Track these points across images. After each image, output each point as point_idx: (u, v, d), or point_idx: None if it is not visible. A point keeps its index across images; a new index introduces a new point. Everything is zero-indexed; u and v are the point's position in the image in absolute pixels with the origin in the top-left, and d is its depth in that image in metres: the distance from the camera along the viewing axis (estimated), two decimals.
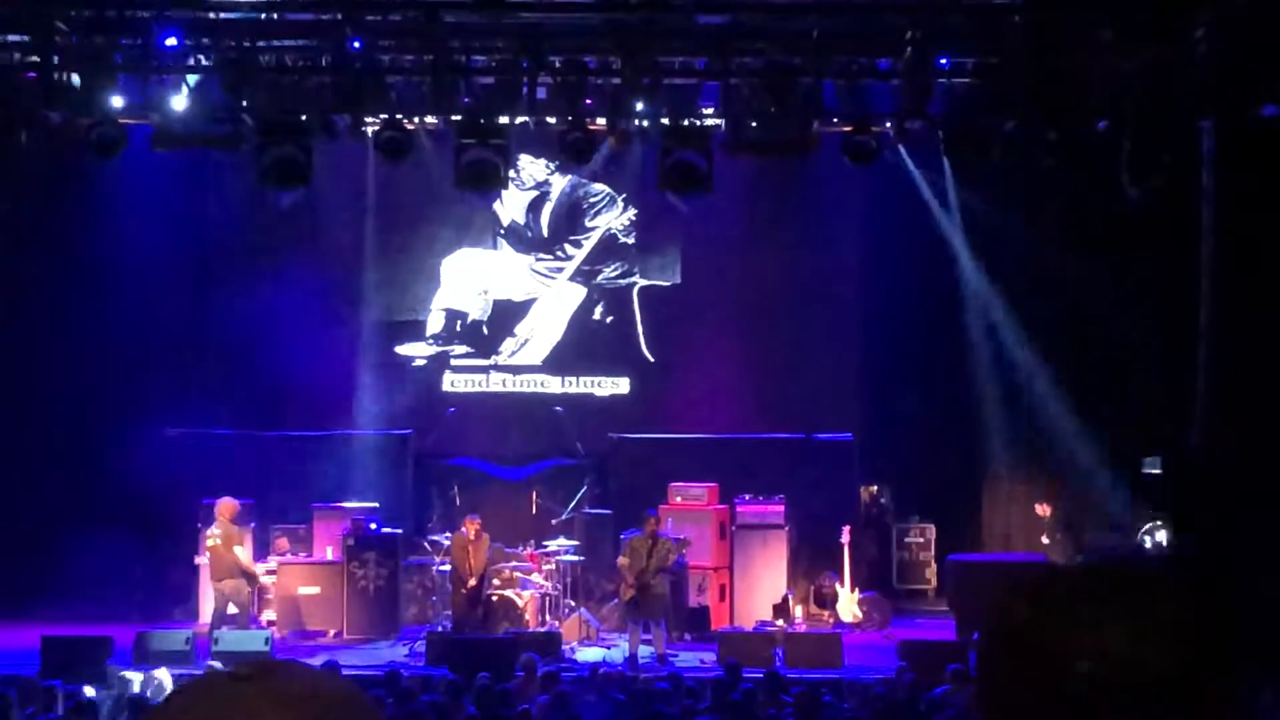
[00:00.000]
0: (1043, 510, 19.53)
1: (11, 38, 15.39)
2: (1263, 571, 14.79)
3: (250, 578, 16.78)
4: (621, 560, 16.54)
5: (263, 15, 15.43)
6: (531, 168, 20.28)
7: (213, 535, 16.64)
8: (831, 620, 18.12)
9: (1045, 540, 18.92)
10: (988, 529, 20.26)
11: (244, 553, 16.71)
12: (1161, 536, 18.05)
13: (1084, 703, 1.46)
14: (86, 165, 17.67)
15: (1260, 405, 15.27)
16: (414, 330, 20.55)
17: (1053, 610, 1.52)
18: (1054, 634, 1.49)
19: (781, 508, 18.37)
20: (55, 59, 15.16)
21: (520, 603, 17.05)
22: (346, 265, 20.19)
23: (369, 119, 15.87)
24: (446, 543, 17.32)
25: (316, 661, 13.69)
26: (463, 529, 17.08)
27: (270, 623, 17.19)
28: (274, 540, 18.06)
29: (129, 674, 12.61)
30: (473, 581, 16.81)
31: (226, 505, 16.64)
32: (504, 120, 15.95)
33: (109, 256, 19.35)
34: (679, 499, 18.37)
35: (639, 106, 15.74)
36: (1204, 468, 15.63)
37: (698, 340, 20.26)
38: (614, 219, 20.59)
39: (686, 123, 15.89)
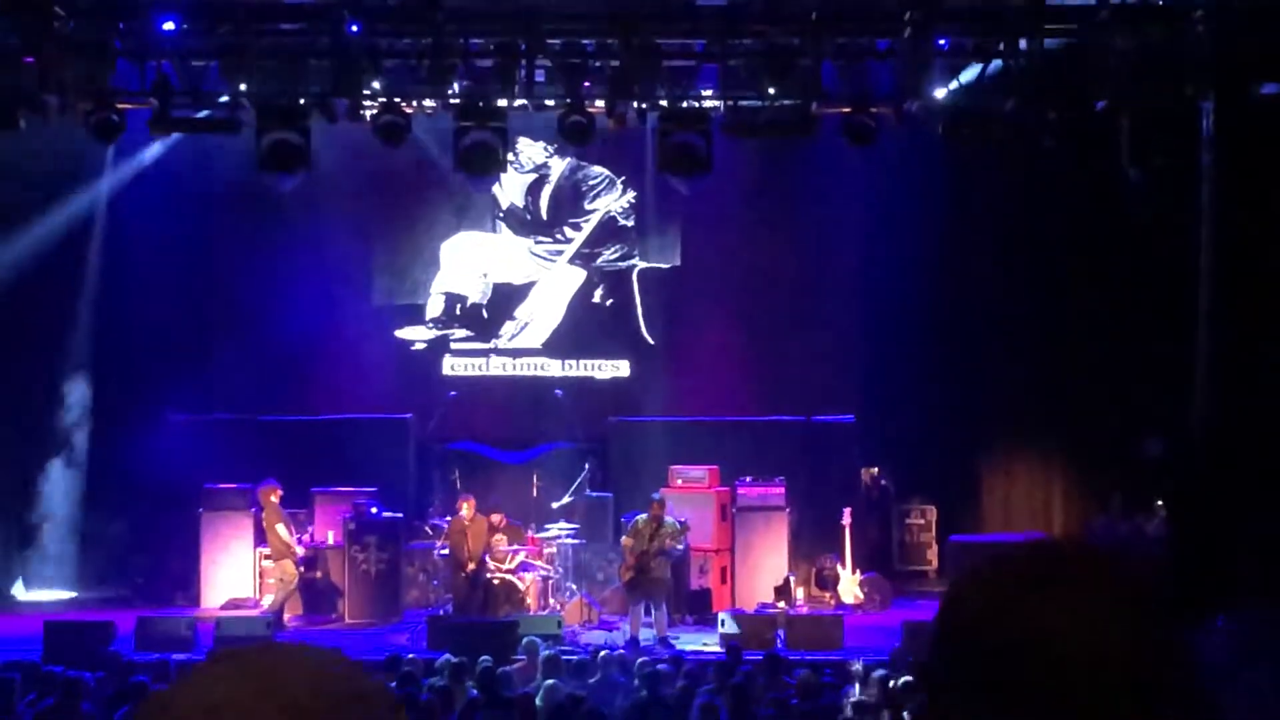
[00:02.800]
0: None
1: (9, 21, 15.35)
2: (1260, 554, 14.81)
3: (296, 559, 17.25)
4: (625, 540, 16.56)
5: None
6: (530, 150, 20.23)
7: (265, 519, 17.40)
8: (833, 601, 18.14)
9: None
10: (989, 510, 20.26)
11: (284, 530, 17.13)
12: (1162, 518, 18.06)
13: (1033, 692, 1.45)
14: (87, 150, 17.66)
15: (1260, 386, 15.27)
16: (414, 314, 20.51)
17: (1002, 600, 1.50)
18: (1003, 625, 1.48)
19: (782, 489, 18.35)
20: (53, 43, 15.12)
21: (522, 586, 17.07)
22: (346, 249, 20.12)
23: (367, 102, 15.84)
24: (447, 527, 17.32)
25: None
26: (459, 511, 17.08)
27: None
28: None
29: None
30: (472, 565, 16.81)
31: (264, 489, 17.25)
32: (503, 103, 15.93)
33: (110, 241, 19.34)
34: (680, 481, 18.36)
35: (637, 89, 15.70)
36: (1203, 448, 15.62)
37: (698, 322, 20.22)
38: (613, 201, 20.54)
39: (686, 104, 15.87)
